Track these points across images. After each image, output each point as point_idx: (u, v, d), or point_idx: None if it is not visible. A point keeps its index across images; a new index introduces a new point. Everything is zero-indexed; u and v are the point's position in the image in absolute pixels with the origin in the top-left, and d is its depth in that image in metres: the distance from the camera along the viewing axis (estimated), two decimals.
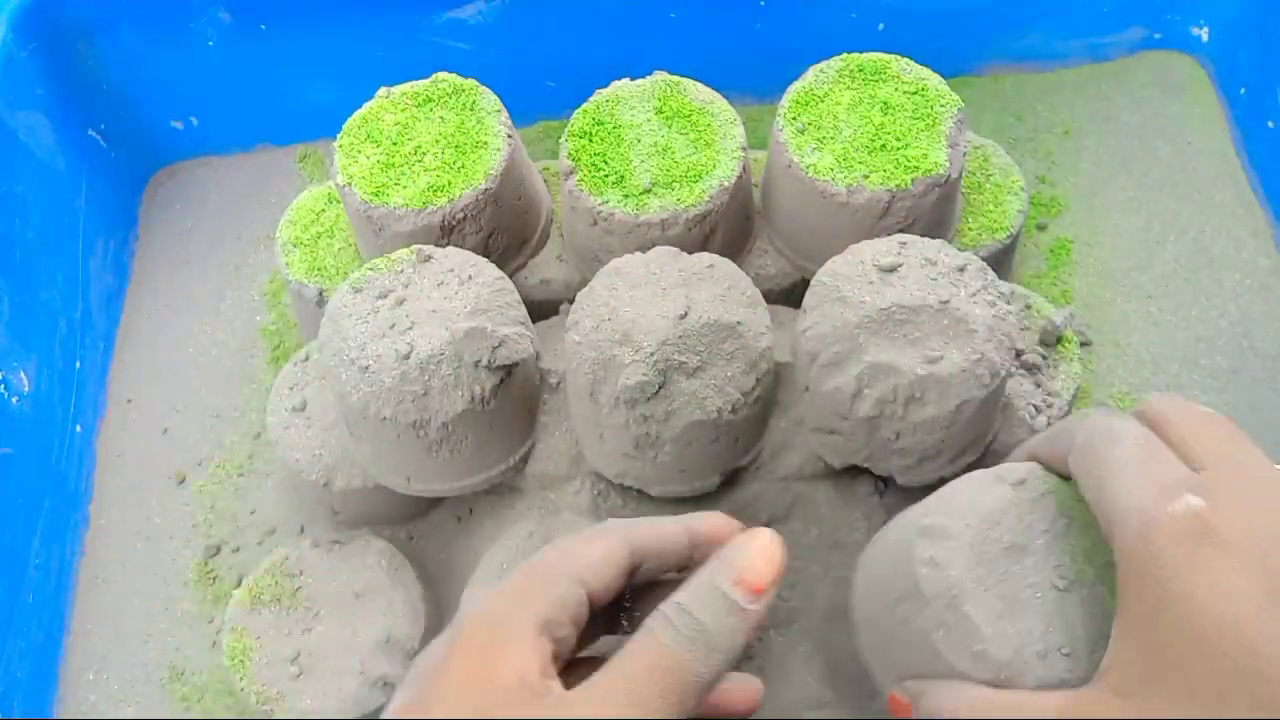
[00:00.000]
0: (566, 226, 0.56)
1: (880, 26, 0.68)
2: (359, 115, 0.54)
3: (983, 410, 0.43)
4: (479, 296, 0.46)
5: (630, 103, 0.53)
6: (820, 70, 0.53)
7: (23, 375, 0.59)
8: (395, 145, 0.53)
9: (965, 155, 0.51)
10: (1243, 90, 0.67)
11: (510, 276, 0.51)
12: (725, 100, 0.54)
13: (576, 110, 0.54)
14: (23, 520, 0.56)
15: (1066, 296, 0.61)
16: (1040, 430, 0.46)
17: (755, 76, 0.67)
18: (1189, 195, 0.65)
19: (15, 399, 0.58)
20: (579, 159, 0.52)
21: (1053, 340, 0.50)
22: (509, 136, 0.53)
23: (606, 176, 0.51)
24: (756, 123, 0.67)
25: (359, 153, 0.53)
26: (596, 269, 0.47)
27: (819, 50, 0.54)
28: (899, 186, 0.48)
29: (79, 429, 0.61)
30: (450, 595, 0.52)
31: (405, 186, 0.51)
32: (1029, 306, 0.51)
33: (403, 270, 0.47)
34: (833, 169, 0.49)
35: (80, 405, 0.62)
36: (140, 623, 0.56)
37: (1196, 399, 0.57)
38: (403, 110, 0.54)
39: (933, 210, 0.50)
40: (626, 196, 0.50)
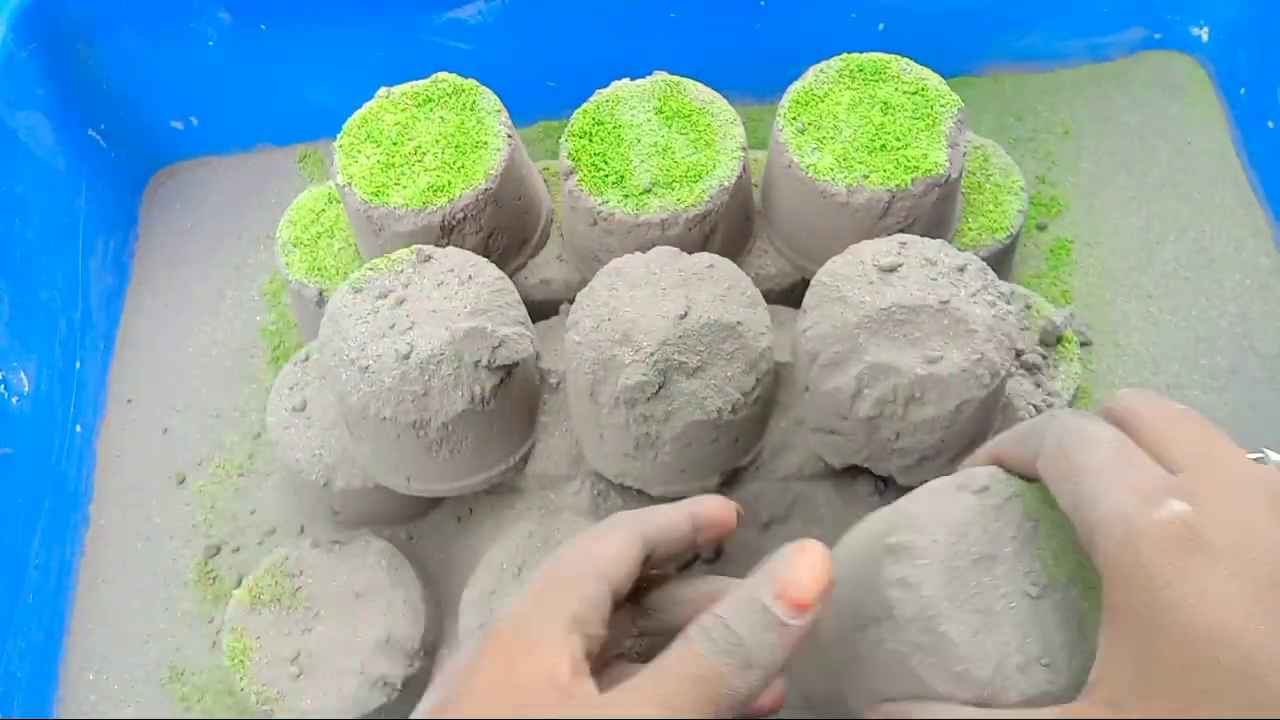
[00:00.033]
0: (566, 226, 0.56)
1: (880, 26, 0.68)
2: (359, 115, 0.54)
3: (983, 410, 0.43)
4: (479, 296, 0.46)
5: (630, 103, 0.53)
6: (820, 70, 0.53)
7: (23, 375, 0.59)
8: (395, 145, 0.53)
9: (965, 155, 0.51)
10: (1243, 90, 0.67)
11: (510, 276, 0.51)
12: (725, 100, 0.54)
13: (576, 110, 0.54)
14: (23, 520, 0.56)
15: (1066, 296, 0.61)
16: None
17: (755, 76, 0.67)
18: (1189, 195, 0.64)
19: (15, 399, 0.58)
20: (579, 159, 0.52)
21: (1053, 340, 0.50)
22: (509, 136, 0.53)
23: (606, 176, 0.51)
24: (756, 123, 0.67)
25: (359, 153, 0.53)
26: (596, 269, 0.47)
27: (819, 50, 0.54)
28: (899, 186, 0.48)
29: (79, 429, 0.61)
30: (450, 595, 0.52)
31: (405, 186, 0.51)
32: (1029, 306, 0.51)
33: (403, 270, 0.47)
34: (833, 169, 0.49)
35: (80, 405, 0.62)
36: (140, 623, 0.56)
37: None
38: (403, 110, 0.54)
39: (933, 210, 0.50)
40: (626, 196, 0.50)
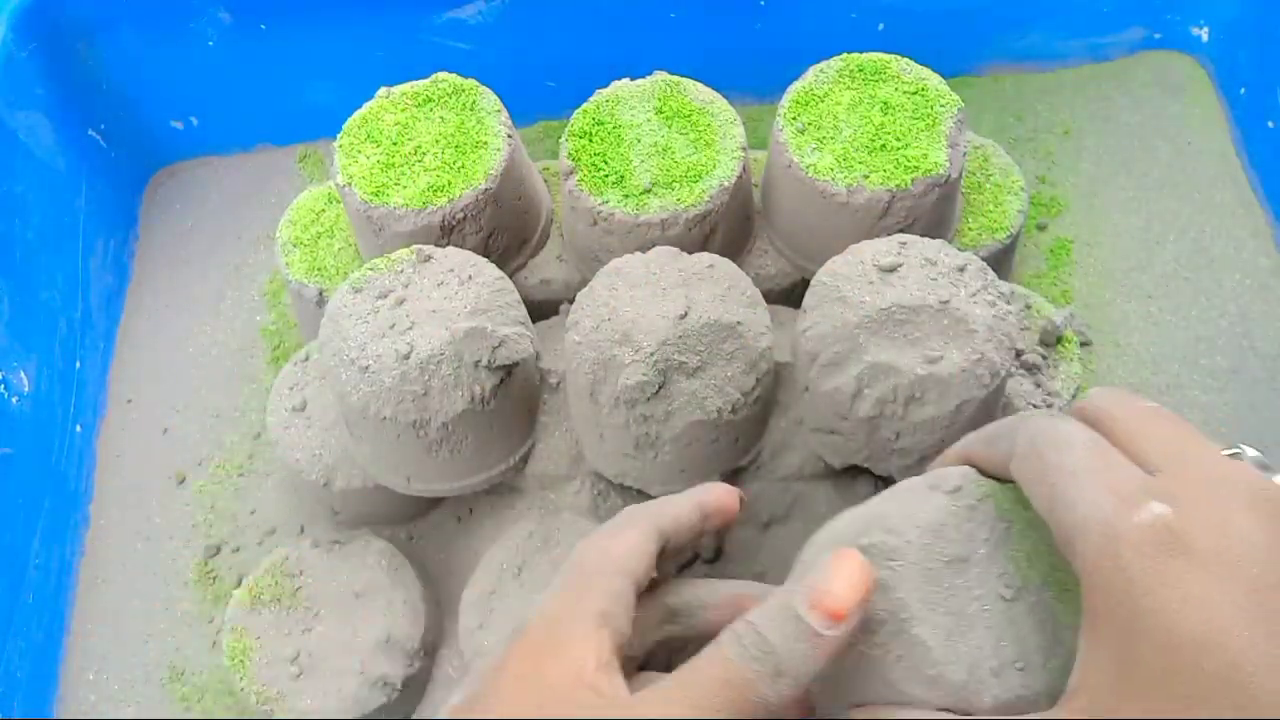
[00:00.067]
0: (566, 226, 0.56)
1: (880, 26, 0.68)
2: (359, 115, 0.54)
3: (983, 410, 0.43)
4: (479, 296, 0.46)
5: (630, 103, 0.53)
6: (820, 70, 0.53)
7: (23, 375, 0.59)
8: (395, 145, 0.53)
9: (965, 155, 0.51)
10: (1243, 90, 0.66)
11: (510, 276, 0.51)
12: (725, 100, 0.54)
13: (576, 110, 0.54)
14: (23, 520, 0.56)
15: (1066, 296, 0.61)
16: None
17: (755, 76, 0.67)
18: (1189, 195, 0.64)
19: (15, 399, 0.58)
20: (579, 159, 0.52)
21: (1053, 340, 0.50)
22: (509, 136, 0.53)
23: (606, 176, 0.51)
24: (756, 123, 0.67)
25: (359, 153, 0.53)
26: (596, 269, 0.47)
27: (819, 50, 0.54)
28: (899, 186, 0.48)
29: (79, 429, 0.61)
30: (450, 595, 0.52)
31: (405, 186, 0.51)
32: (1029, 306, 0.51)
33: (403, 270, 0.47)
34: (833, 169, 0.49)
35: (80, 405, 0.62)
36: (140, 623, 0.56)
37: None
38: (403, 110, 0.54)
39: (933, 210, 0.50)
40: (626, 196, 0.50)
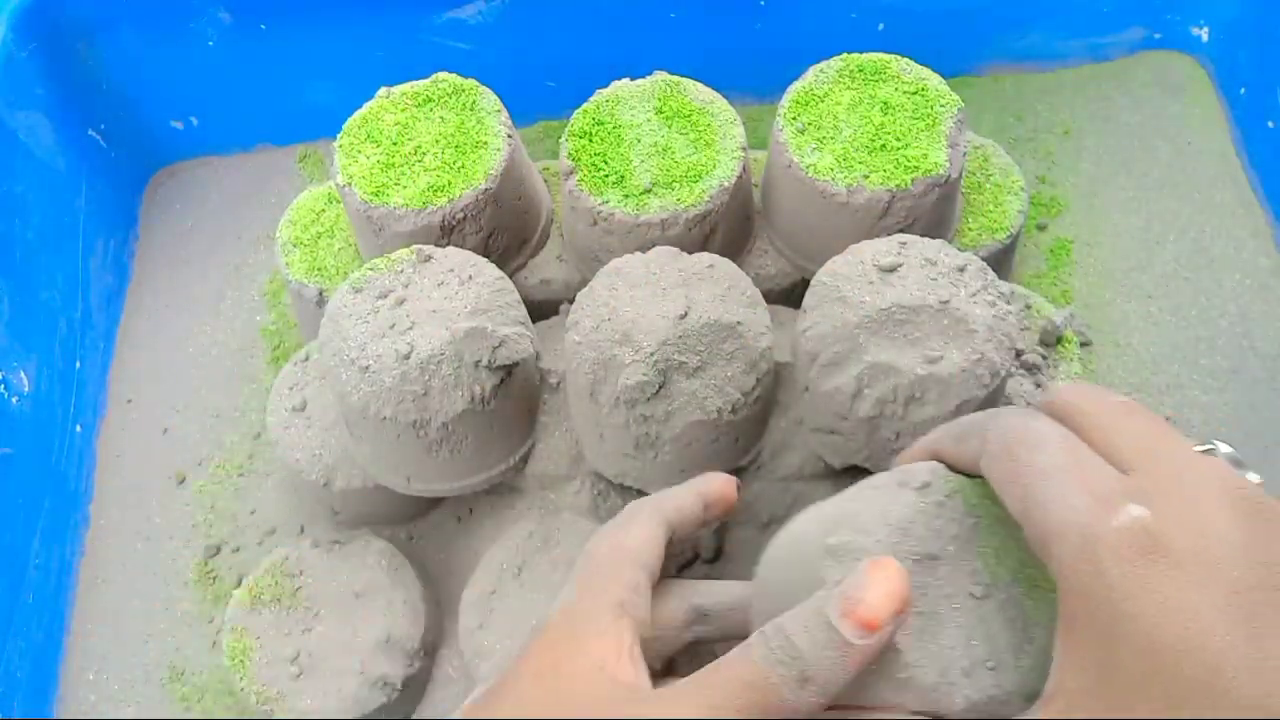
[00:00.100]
0: (566, 226, 0.56)
1: (880, 26, 0.68)
2: (359, 115, 0.54)
3: (983, 410, 0.43)
4: (479, 296, 0.46)
5: (630, 103, 0.53)
6: (820, 70, 0.53)
7: (23, 375, 0.59)
8: (395, 145, 0.53)
9: (965, 155, 0.51)
10: (1243, 90, 0.66)
11: (510, 276, 0.51)
12: (725, 100, 0.54)
13: (576, 110, 0.54)
14: (23, 520, 0.56)
15: (1066, 296, 0.61)
16: None
17: (755, 76, 0.67)
18: (1189, 195, 0.64)
19: (15, 399, 0.58)
20: (579, 159, 0.52)
21: (1053, 340, 0.50)
22: (509, 136, 0.53)
23: (606, 176, 0.51)
24: (756, 123, 0.67)
25: (359, 153, 0.53)
26: (596, 269, 0.47)
27: (819, 50, 0.54)
28: (899, 186, 0.48)
29: (79, 429, 0.61)
30: (450, 595, 0.52)
31: (405, 186, 0.51)
32: (1029, 306, 0.51)
33: (403, 270, 0.47)
34: (833, 169, 0.49)
35: (80, 405, 0.62)
36: (140, 623, 0.56)
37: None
38: (403, 110, 0.54)
39: (933, 210, 0.50)
40: (626, 196, 0.50)
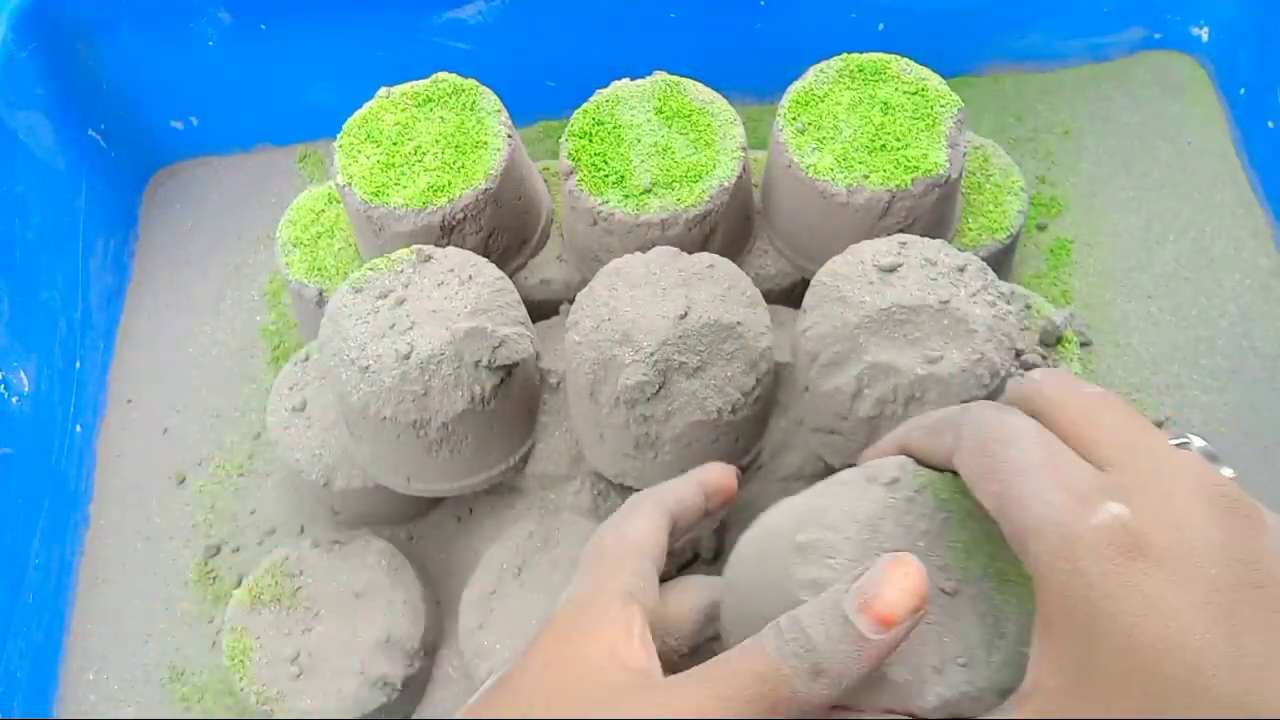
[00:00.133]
0: (566, 226, 0.56)
1: (880, 26, 0.68)
2: (359, 115, 0.54)
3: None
4: (479, 296, 0.46)
5: (630, 103, 0.53)
6: (820, 70, 0.53)
7: (23, 375, 0.59)
8: (395, 145, 0.53)
9: (965, 155, 0.51)
10: (1243, 90, 0.66)
11: (510, 276, 0.51)
12: (725, 100, 0.54)
13: (576, 110, 0.54)
14: (23, 520, 0.56)
15: (1066, 296, 0.61)
16: None
17: (755, 76, 0.67)
18: (1189, 195, 0.64)
19: (15, 399, 0.58)
20: (579, 159, 0.52)
21: (1053, 340, 0.50)
22: (509, 136, 0.53)
23: (606, 176, 0.51)
24: (756, 123, 0.67)
25: (359, 153, 0.53)
26: (596, 269, 0.47)
27: (819, 50, 0.54)
28: (899, 186, 0.48)
29: (79, 429, 0.61)
30: (450, 595, 0.52)
31: (405, 186, 0.51)
32: (1029, 306, 0.51)
33: (403, 270, 0.47)
34: (833, 169, 0.49)
35: (80, 405, 0.62)
36: (140, 623, 0.56)
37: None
38: (403, 110, 0.54)
39: (933, 210, 0.50)
40: (626, 196, 0.50)
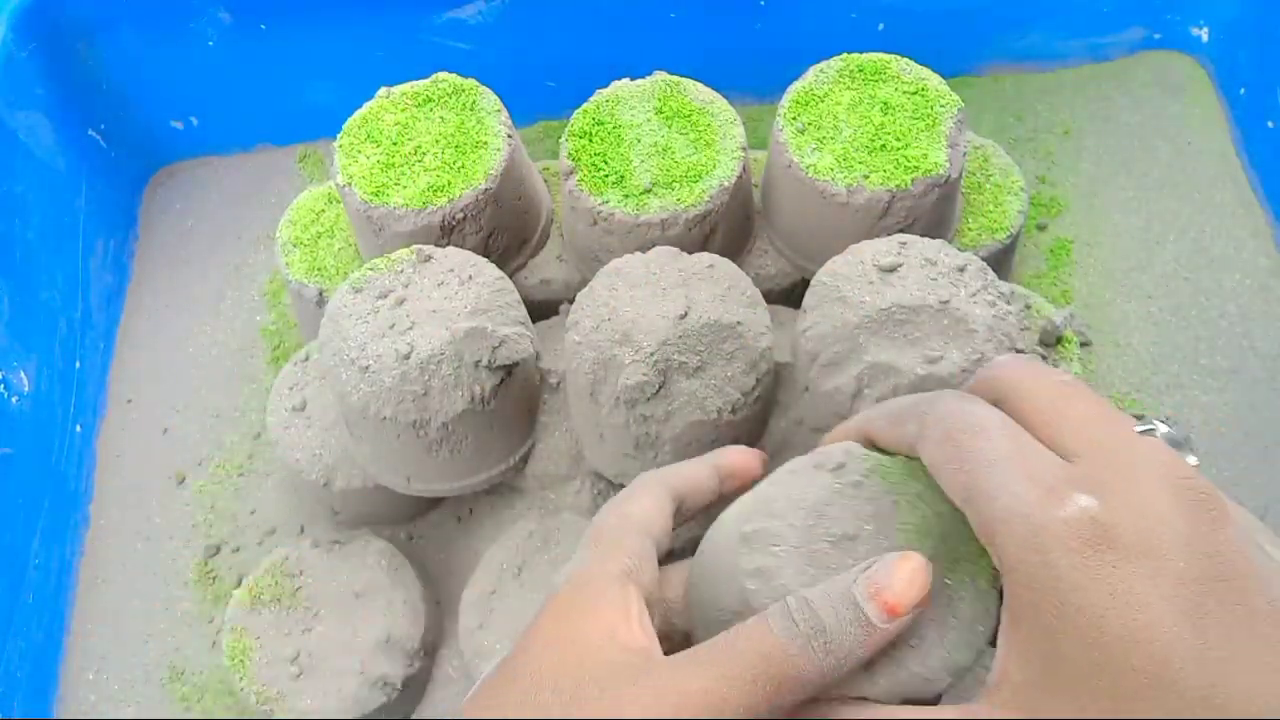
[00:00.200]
0: (566, 226, 0.56)
1: (880, 26, 0.68)
2: (359, 115, 0.54)
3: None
4: (479, 296, 0.46)
5: (630, 103, 0.53)
6: (820, 70, 0.53)
7: (23, 375, 0.59)
8: (395, 145, 0.53)
9: (965, 155, 0.51)
10: (1243, 90, 0.67)
11: (510, 276, 0.51)
12: (725, 100, 0.54)
13: (576, 110, 0.54)
14: (23, 520, 0.56)
15: (1066, 296, 0.61)
16: None
17: (755, 76, 0.67)
18: (1189, 195, 0.64)
19: (15, 399, 0.58)
20: (579, 159, 0.52)
21: (1053, 340, 0.50)
22: (509, 136, 0.53)
23: (606, 176, 0.51)
24: (756, 123, 0.67)
25: (359, 153, 0.53)
26: (596, 269, 0.47)
27: (819, 50, 0.54)
28: (899, 186, 0.48)
29: (79, 429, 0.61)
30: (450, 595, 0.52)
31: (405, 186, 0.51)
32: (1029, 306, 0.51)
33: (403, 270, 0.47)
34: (833, 169, 0.49)
35: (80, 405, 0.62)
36: (140, 623, 0.56)
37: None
38: (403, 110, 0.54)
39: (933, 210, 0.50)
40: (626, 196, 0.50)
